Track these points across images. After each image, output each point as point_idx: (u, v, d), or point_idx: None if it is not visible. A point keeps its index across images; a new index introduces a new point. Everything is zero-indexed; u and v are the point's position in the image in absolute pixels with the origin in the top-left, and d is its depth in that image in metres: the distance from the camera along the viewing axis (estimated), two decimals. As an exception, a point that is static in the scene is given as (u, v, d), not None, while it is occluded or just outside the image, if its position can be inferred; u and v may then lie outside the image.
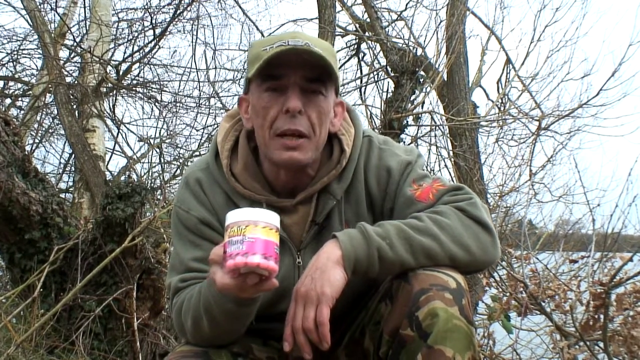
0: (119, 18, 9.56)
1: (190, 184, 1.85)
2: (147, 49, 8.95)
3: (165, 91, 9.50)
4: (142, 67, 9.41)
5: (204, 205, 1.82)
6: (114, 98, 9.02)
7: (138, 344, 4.04)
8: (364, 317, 1.79)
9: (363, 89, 7.89)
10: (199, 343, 1.74)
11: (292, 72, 1.66)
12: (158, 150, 8.98)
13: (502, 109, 8.57)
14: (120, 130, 8.97)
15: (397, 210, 1.75)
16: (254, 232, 1.44)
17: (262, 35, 8.64)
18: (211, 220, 1.80)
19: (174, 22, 8.76)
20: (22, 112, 9.25)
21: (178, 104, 9.47)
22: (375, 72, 7.79)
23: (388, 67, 6.91)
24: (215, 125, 8.23)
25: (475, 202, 1.71)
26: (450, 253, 1.63)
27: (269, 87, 1.69)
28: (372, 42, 7.96)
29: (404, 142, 6.49)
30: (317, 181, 1.77)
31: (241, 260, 1.42)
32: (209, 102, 9.14)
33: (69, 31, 8.83)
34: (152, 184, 8.20)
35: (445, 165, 7.33)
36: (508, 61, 8.79)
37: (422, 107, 6.79)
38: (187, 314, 1.69)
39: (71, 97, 7.79)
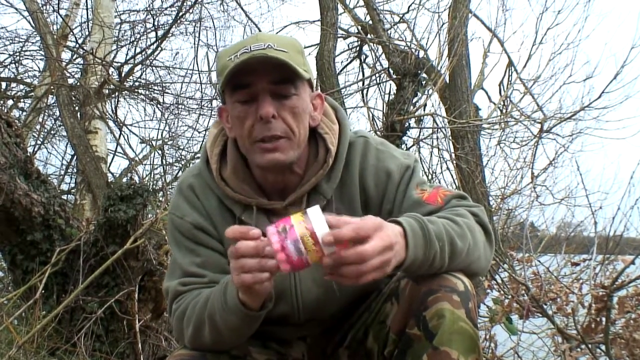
0: (121, 20, 9.61)
1: (184, 190, 1.85)
2: (149, 51, 9.00)
3: (167, 93, 9.52)
4: (144, 69, 9.44)
5: (198, 210, 1.82)
6: (116, 100, 9.05)
7: (140, 345, 4.04)
8: (368, 318, 1.79)
9: (365, 91, 7.91)
10: (197, 348, 1.74)
11: (258, 79, 1.66)
12: (160, 152, 9.00)
13: (504, 111, 8.59)
14: (122, 132, 9.01)
15: (402, 212, 1.73)
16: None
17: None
18: (205, 225, 1.80)
19: (176, 24, 8.79)
20: (24, 113, 9.29)
21: (180, 106, 9.49)
22: (377, 75, 7.79)
23: (390, 69, 6.90)
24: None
25: (483, 210, 1.73)
26: (470, 259, 1.64)
27: (239, 98, 1.69)
28: (374, 45, 7.98)
29: (406, 145, 6.49)
30: (306, 182, 1.77)
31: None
32: (211, 104, 9.16)
33: (71, 33, 8.84)
34: (154, 186, 8.23)
35: (448, 168, 7.35)
36: (510, 63, 8.81)
37: (424, 110, 6.78)
38: (189, 321, 1.69)
39: (73, 98, 7.81)
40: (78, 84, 8.08)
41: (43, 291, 4.08)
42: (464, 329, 1.53)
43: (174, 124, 9.71)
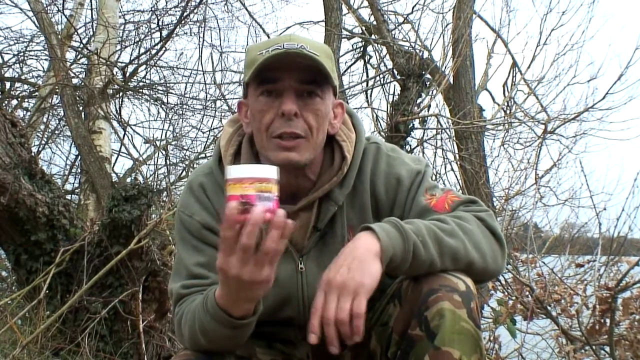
0: (125, 20, 9.59)
1: (194, 189, 1.85)
2: (153, 51, 8.98)
3: (171, 93, 9.52)
4: (149, 69, 9.43)
5: (208, 210, 1.81)
6: (120, 100, 9.05)
7: (143, 346, 4.04)
8: (371, 319, 1.78)
9: (369, 92, 7.92)
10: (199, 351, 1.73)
11: (287, 76, 1.66)
12: (164, 152, 9.00)
13: (508, 112, 8.60)
14: (127, 132, 8.99)
15: (411, 219, 1.73)
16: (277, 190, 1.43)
17: (268, 37, 8.66)
18: (214, 225, 1.79)
19: (180, 25, 8.77)
20: (29, 113, 9.29)
21: (184, 106, 9.50)
22: (381, 75, 7.81)
23: (394, 70, 6.92)
24: (222, 128, 8.23)
25: (491, 214, 1.72)
26: (470, 259, 1.63)
27: (264, 91, 1.69)
28: (379, 45, 7.98)
29: (410, 146, 6.50)
30: (319, 188, 1.77)
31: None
32: (215, 105, 9.16)
33: (76, 33, 8.85)
34: (158, 186, 8.23)
35: (452, 169, 7.37)
36: (514, 64, 8.80)
37: (428, 110, 6.80)
38: (185, 328, 1.69)
39: (78, 98, 7.82)
40: (82, 84, 8.09)
41: (47, 291, 4.08)
42: (465, 329, 1.52)
43: (178, 124, 9.74)
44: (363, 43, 8.75)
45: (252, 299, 1.54)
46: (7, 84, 9.26)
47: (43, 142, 9.51)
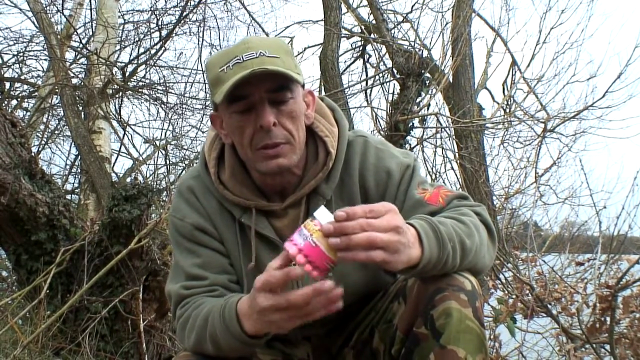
0: (125, 20, 9.61)
1: (183, 192, 1.86)
2: (153, 51, 8.98)
3: (171, 93, 9.53)
4: (148, 69, 9.45)
5: (198, 211, 1.82)
6: (120, 100, 9.07)
7: (144, 345, 4.05)
8: (374, 318, 1.79)
9: (369, 91, 7.91)
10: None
11: (256, 89, 1.65)
12: (164, 151, 9.01)
13: (507, 111, 8.60)
14: (126, 132, 9.02)
15: (404, 212, 1.72)
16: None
17: (267, 36, 8.65)
18: (206, 226, 1.81)
19: (180, 24, 8.78)
20: (29, 113, 9.30)
21: (184, 106, 9.51)
22: (380, 74, 7.80)
23: (394, 69, 6.91)
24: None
25: (485, 209, 1.73)
26: (478, 258, 1.63)
27: (237, 109, 1.68)
28: (378, 44, 7.98)
29: (410, 144, 6.50)
30: (305, 185, 1.77)
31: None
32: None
33: (75, 33, 8.87)
34: (158, 186, 8.24)
35: (452, 167, 7.36)
36: (514, 63, 8.82)
37: (427, 109, 6.80)
38: (191, 332, 1.69)
39: (77, 98, 7.83)
40: (82, 84, 8.10)
41: (47, 291, 4.09)
42: (471, 328, 1.53)
43: (177, 123, 9.77)
44: (362, 42, 8.76)
45: (266, 328, 1.53)
46: (7, 84, 9.27)
47: (43, 142, 9.53)
